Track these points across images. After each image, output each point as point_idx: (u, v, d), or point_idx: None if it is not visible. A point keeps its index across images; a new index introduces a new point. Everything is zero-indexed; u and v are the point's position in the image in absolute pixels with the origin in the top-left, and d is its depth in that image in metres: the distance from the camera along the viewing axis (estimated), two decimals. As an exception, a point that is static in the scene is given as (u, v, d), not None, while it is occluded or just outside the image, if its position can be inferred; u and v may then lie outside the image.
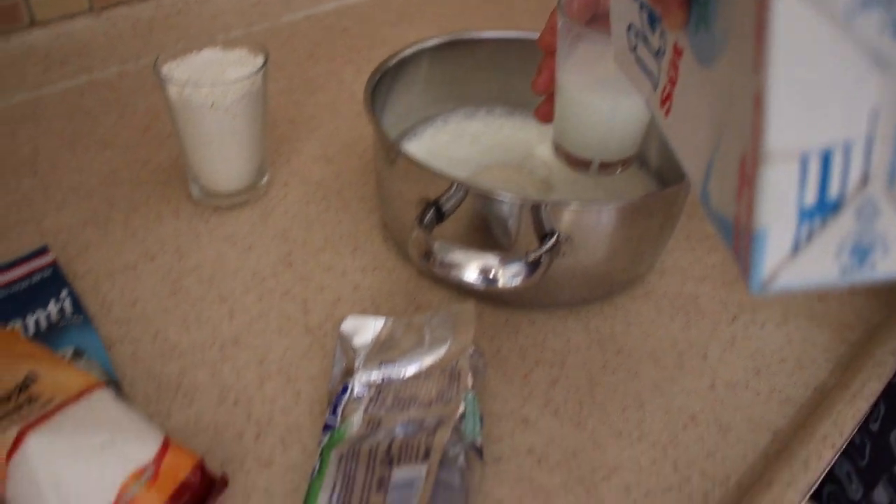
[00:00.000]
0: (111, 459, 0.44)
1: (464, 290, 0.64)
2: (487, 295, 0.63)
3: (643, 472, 0.53)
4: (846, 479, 0.79)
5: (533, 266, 0.52)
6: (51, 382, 0.46)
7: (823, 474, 0.55)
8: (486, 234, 0.58)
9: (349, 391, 0.49)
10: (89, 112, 0.85)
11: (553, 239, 0.55)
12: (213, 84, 0.63)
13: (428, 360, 0.50)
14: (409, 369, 0.50)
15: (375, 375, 0.50)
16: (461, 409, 0.47)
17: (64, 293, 0.60)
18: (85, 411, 0.45)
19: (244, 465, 0.51)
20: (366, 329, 0.53)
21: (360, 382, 0.50)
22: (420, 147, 0.75)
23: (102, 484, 0.43)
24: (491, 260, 0.51)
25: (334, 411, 0.48)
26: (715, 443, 0.55)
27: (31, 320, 0.57)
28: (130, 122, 0.84)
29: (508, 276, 0.51)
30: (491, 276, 0.51)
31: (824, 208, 0.25)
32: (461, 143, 0.76)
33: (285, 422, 0.54)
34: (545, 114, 0.59)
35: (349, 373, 0.50)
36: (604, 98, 0.53)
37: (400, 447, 0.43)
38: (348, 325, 0.53)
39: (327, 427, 0.48)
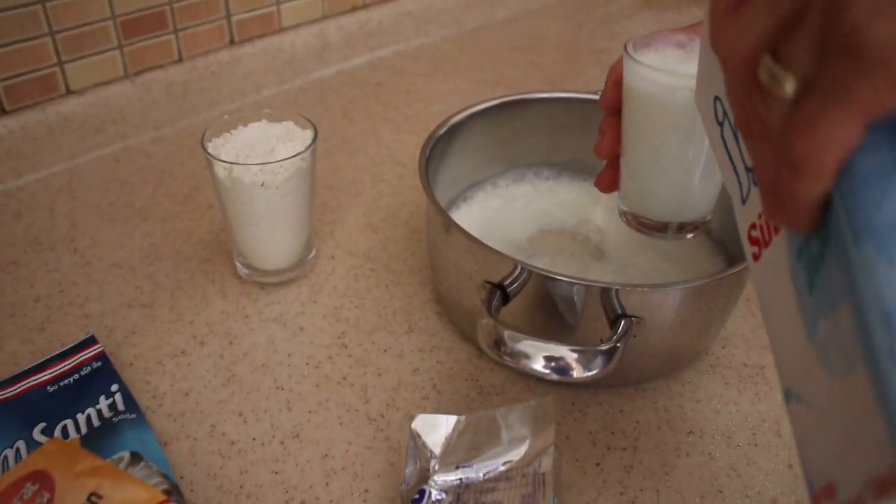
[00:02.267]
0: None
1: (527, 374, 0.62)
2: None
3: (730, 568, 0.50)
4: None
5: (609, 355, 0.50)
6: (117, 501, 0.44)
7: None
8: (552, 313, 0.56)
9: (427, 496, 0.47)
10: (126, 181, 0.83)
11: (625, 323, 0.52)
12: (262, 163, 0.61)
13: (507, 460, 0.48)
14: (488, 471, 0.48)
15: (453, 478, 0.48)
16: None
17: (115, 387, 0.57)
18: (154, 531, 0.43)
19: (315, 575, 0.49)
20: (437, 427, 0.51)
21: (437, 486, 0.47)
22: (472, 213, 0.73)
23: None
24: (565, 351, 0.49)
25: (413, 520, 0.46)
26: (800, 531, 0.52)
27: (82, 418, 0.55)
28: (168, 191, 0.82)
29: (584, 368, 0.49)
30: (565, 368, 0.49)
31: None
32: (513, 209, 0.74)
33: (354, 524, 0.52)
34: (608, 182, 0.55)
35: (424, 475, 0.48)
36: (683, 136, 0.48)
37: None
38: (419, 423, 0.51)
39: (408, 538, 0.45)
